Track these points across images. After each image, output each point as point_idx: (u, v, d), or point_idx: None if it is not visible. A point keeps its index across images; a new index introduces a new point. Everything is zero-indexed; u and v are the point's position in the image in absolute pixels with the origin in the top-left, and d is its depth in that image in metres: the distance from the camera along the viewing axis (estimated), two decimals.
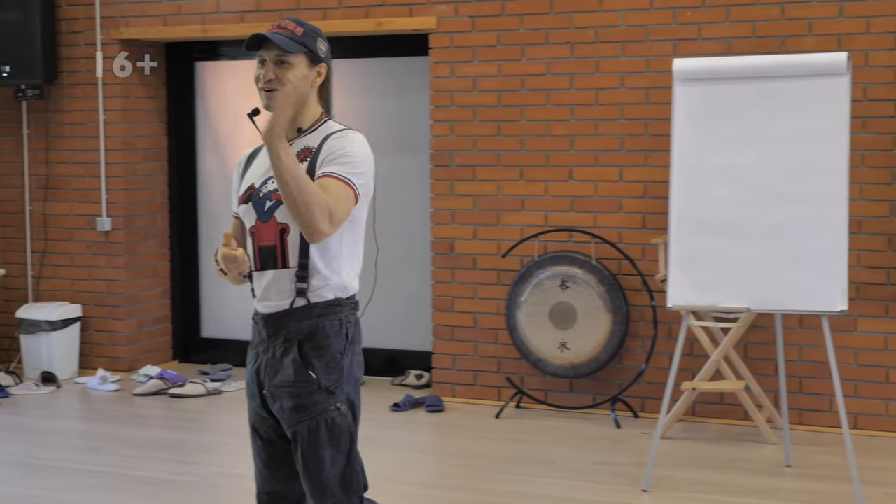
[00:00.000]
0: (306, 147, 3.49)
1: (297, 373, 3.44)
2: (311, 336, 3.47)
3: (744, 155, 5.74)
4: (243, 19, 7.86)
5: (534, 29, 7.17)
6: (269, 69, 3.44)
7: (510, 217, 7.27)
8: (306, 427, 3.44)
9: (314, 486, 3.47)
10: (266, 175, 3.51)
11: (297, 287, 3.45)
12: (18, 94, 8.25)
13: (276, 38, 3.42)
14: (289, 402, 3.46)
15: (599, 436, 6.65)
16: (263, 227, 3.48)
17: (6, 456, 6.39)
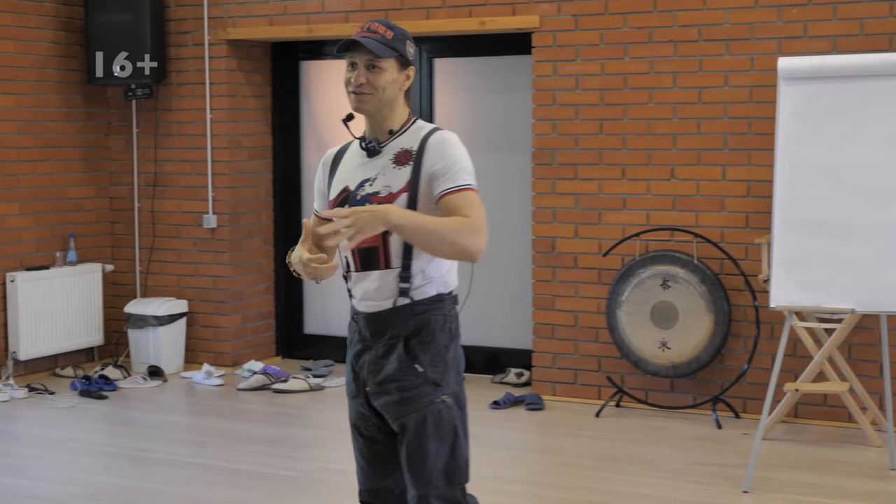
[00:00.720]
0: (403, 150, 3.50)
1: (404, 367, 3.48)
2: (417, 332, 3.50)
3: (849, 154, 5.67)
4: (348, 19, 7.94)
5: (637, 27, 7.14)
6: (360, 73, 3.46)
7: (612, 216, 7.25)
8: (413, 419, 3.48)
9: (417, 478, 3.50)
10: (362, 178, 3.53)
11: (401, 287, 3.48)
12: (128, 93, 8.41)
13: (368, 44, 3.43)
14: (395, 395, 3.49)
15: (700, 436, 6.61)
16: None
17: (115, 448, 6.53)
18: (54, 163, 8.31)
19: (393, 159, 3.51)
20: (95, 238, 8.63)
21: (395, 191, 3.45)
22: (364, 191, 3.50)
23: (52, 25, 8.29)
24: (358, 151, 3.60)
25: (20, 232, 8.06)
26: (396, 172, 3.48)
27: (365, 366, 3.56)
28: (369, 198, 3.47)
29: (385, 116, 3.53)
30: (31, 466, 6.15)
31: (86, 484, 5.79)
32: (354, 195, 3.51)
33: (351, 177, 3.57)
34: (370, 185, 3.49)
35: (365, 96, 3.47)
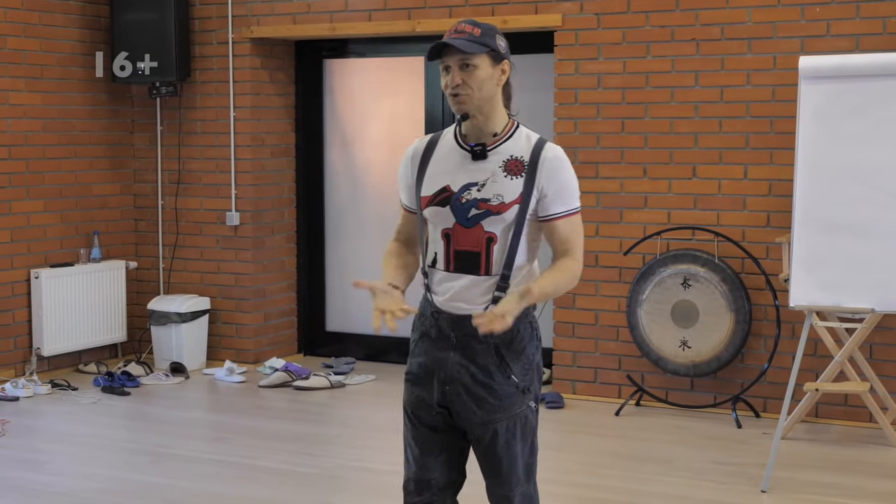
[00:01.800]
0: (514, 158, 3.49)
1: (497, 375, 3.51)
2: (509, 340, 3.51)
3: (871, 154, 5.66)
4: (371, 17, 7.96)
5: (659, 26, 7.14)
6: (454, 74, 3.44)
7: (633, 214, 7.25)
8: (504, 426, 3.54)
9: (503, 478, 3.61)
10: (467, 180, 3.49)
11: (496, 295, 3.48)
12: (153, 91, 8.46)
13: (456, 43, 3.41)
14: (486, 402, 3.51)
15: (720, 435, 6.60)
16: (464, 232, 3.48)
17: (136, 444, 6.57)
18: (79, 160, 8.36)
19: (503, 167, 3.49)
20: (119, 235, 8.68)
21: (507, 201, 3.45)
22: (470, 195, 3.47)
23: (78, 24, 8.34)
24: (455, 149, 3.56)
25: (45, 229, 8.11)
26: (508, 182, 3.47)
27: (448, 365, 3.54)
28: (477, 203, 3.46)
29: (487, 116, 3.52)
30: (54, 462, 6.19)
31: (107, 480, 5.82)
32: (458, 197, 3.48)
33: (452, 176, 3.52)
34: (478, 191, 3.47)
35: (463, 96, 3.45)
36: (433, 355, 3.57)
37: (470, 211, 3.47)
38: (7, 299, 7.86)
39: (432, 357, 3.58)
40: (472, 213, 3.47)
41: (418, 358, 3.63)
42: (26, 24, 7.95)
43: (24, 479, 5.81)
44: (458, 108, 3.48)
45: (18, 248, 7.93)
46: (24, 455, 6.27)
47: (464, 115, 3.50)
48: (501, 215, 3.46)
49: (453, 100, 3.47)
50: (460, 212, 3.48)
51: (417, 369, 3.63)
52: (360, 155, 8.67)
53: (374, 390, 7.83)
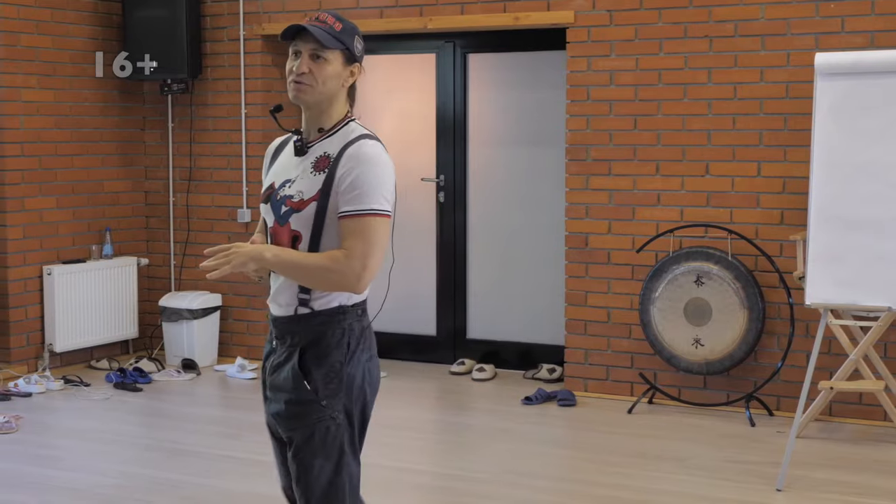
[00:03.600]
0: (325, 154, 3.34)
1: (296, 380, 3.33)
2: (314, 344, 3.34)
3: (887, 150, 5.64)
4: (382, 14, 7.95)
5: (672, 23, 7.12)
6: (303, 62, 3.32)
7: (645, 212, 7.23)
8: (300, 435, 3.35)
9: (301, 492, 3.41)
10: (285, 177, 3.40)
11: (300, 297, 3.34)
12: (164, 88, 8.46)
13: (315, 31, 3.29)
14: (285, 407, 3.36)
15: (733, 434, 6.59)
16: (279, 231, 3.37)
17: (148, 440, 6.57)
18: (91, 157, 8.36)
19: (313, 163, 3.35)
20: (131, 232, 8.69)
21: (306, 198, 3.31)
22: (284, 191, 3.37)
23: (90, 21, 8.35)
24: (290, 144, 3.47)
25: (57, 225, 8.12)
26: (312, 178, 3.33)
27: (267, 368, 3.46)
28: (285, 200, 3.35)
29: (322, 112, 3.39)
30: (66, 457, 6.19)
31: (120, 475, 5.82)
32: (276, 194, 3.39)
33: (279, 173, 3.44)
34: (289, 187, 3.36)
35: (304, 86, 3.32)
36: (264, 360, 3.50)
37: (281, 209, 3.36)
38: (20, 295, 7.86)
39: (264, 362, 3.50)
40: (283, 211, 3.35)
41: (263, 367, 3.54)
42: (39, 21, 7.95)
43: (38, 475, 5.82)
44: (296, 95, 3.33)
45: (31, 245, 7.94)
46: (38, 450, 6.27)
47: (277, 106, 3.45)
48: (302, 213, 3.31)
49: (294, 86, 3.33)
50: (276, 209, 3.38)
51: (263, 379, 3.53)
52: None
53: (385, 387, 7.75)
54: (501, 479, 5.79)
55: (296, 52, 3.35)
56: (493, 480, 5.75)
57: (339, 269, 3.25)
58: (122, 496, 5.49)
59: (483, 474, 5.84)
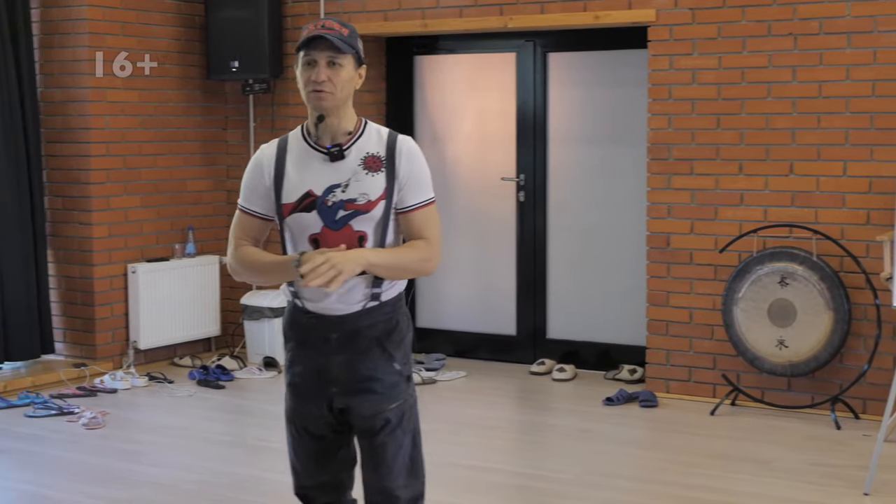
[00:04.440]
0: (371, 154, 3.47)
1: (386, 365, 3.52)
2: (392, 330, 3.52)
3: None
4: (462, 14, 7.95)
5: (756, 21, 7.05)
6: (322, 70, 3.39)
7: (728, 212, 7.17)
8: (394, 416, 3.52)
9: (383, 475, 3.55)
10: (330, 183, 3.44)
11: (373, 292, 3.47)
12: (246, 88, 8.54)
13: (333, 39, 3.38)
14: (374, 393, 3.50)
15: (818, 436, 6.51)
16: (333, 235, 3.42)
17: (231, 437, 6.64)
18: (174, 156, 8.46)
19: (362, 164, 3.46)
20: (213, 231, 8.77)
21: (373, 199, 3.44)
22: (336, 197, 3.43)
23: (174, 22, 8.45)
24: (309, 152, 3.50)
25: (141, 224, 8.22)
26: (370, 179, 3.45)
27: (331, 367, 3.51)
28: (343, 204, 3.42)
29: (342, 117, 3.47)
30: (151, 453, 6.28)
31: (204, 471, 5.89)
32: (323, 201, 3.43)
33: (313, 180, 3.46)
34: (342, 192, 3.43)
35: (325, 94, 3.40)
36: (315, 361, 3.54)
37: (337, 213, 3.42)
38: (105, 293, 7.98)
39: (315, 363, 3.54)
40: (339, 216, 3.43)
41: (299, 366, 3.59)
42: (124, 22, 8.06)
43: (124, 470, 5.90)
44: (318, 104, 3.42)
45: (116, 243, 8.05)
46: (124, 446, 6.36)
47: (321, 116, 3.46)
48: (370, 213, 3.43)
49: (316, 95, 3.41)
50: (328, 215, 3.43)
51: (300, 381, 3.58)
52: (450, 151, 8.67)
53: (465, 387, 7.83)
54: (583, 479, 5.77)
55: (310, 61, 3.42)
56: (575, 481, 5.74)
57: (429, 256, 3.50)
58: (206, 492, 5.55)
59: (565, 475, 5.83)
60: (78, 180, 7.92)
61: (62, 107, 7.96)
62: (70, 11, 7.87)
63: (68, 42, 7.90)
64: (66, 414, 6.91)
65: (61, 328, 8.05)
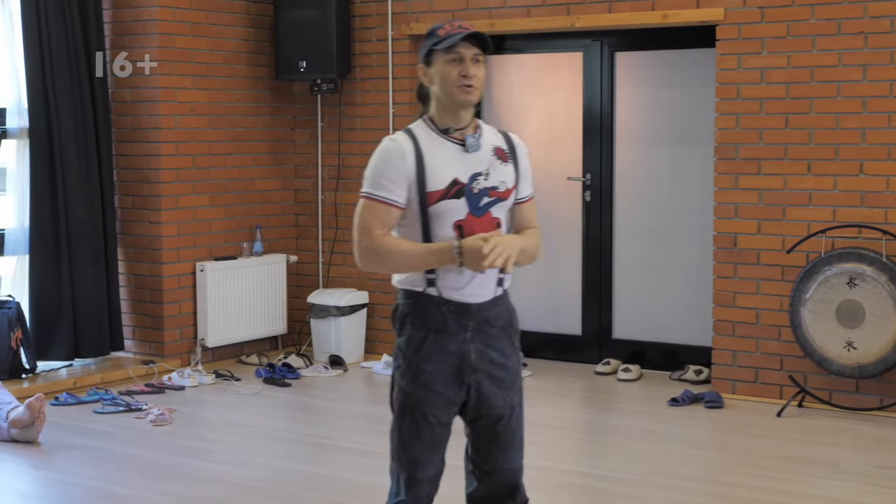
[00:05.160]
0: (497, 147, 3.68)
1: (512, 353, 3.70)
2: (511, 320, 3.73)
3: None
4: (529, 13, 7.95)
5: (825, 19, 6.98)
6: (470, 66, 3.55)
7: (796, 212, 7.11)
8: (518, 398, 3.74)
9: (515, 452, 3.76)
10: (471, 171, 3.59)
11: (500, 277, 3.66)
12: (314, 88, 8.59)
13: (483, 37, 3.58)
14: (505, 380, 3.68)
15: (886, 439, 6.43)
16: (476, 222, 3.58)
17: (297, 435, 6.68)
18: (242, 156, 8.54)
19: (494, 154, 3.66)
20: (280, 230, 8.84)
21: (509, 187, 3.66)
22: (479, 184, 3.59)
23: (243, 22, 8.52)
24: (444, 143, 3.61)
25: (210, 223, 8.31)
26: (504, 168, 3.66)
27: (471, 355, 3.61)
28: (487, 191, 3.60)
29: (471, 111, 3.63)
30: (218, 450, 6.33)
31: (270, 469, 5.93)
32: (470, 188, 3.58)
33: (456, 169, 3.59)
34: (485, 179, 3.60)
35: (474, 89, 3.56)
36: (454, 349, 3.61)
37: (482, 200, 3.59)
38: (173, 291, 8.07)
39: (450, 353, 3.61)
40: (483, 202, 3.59)
41: (434, 355, 3.61)
42: (194, 23, 8.14)
43: (191, 466, 5.96)
44: (466, 98, 3.56)
45: (185, 242, 8.14)
46: (191, 443, 6.43)
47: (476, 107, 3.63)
48: (507, 201, 3.66)
49: (466, 90, 3.55)
50: (474, 202, 3.58)
51: (435, 367, 3.61)
52: None
53: (531, 386, 7.80)
54: (649, 480, 5.75)
55: (457, 58, 3.56)
56: (640, 482, 5.72)
57: (540, 244, 3.79)
58: (272, 489, 5.60)
59: (630, 475, 5.81)
60: (148, 179, 8.02)
61: (132, 107, 8.06)
62: (141, 12, 7.97)
63: (139, 43, 8.00)
64: (134, 411, 6.99)
65: (130, 326, 8.16)
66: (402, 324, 3.69)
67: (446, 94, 3.57)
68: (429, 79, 3.64)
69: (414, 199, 3.57)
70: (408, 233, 3.61)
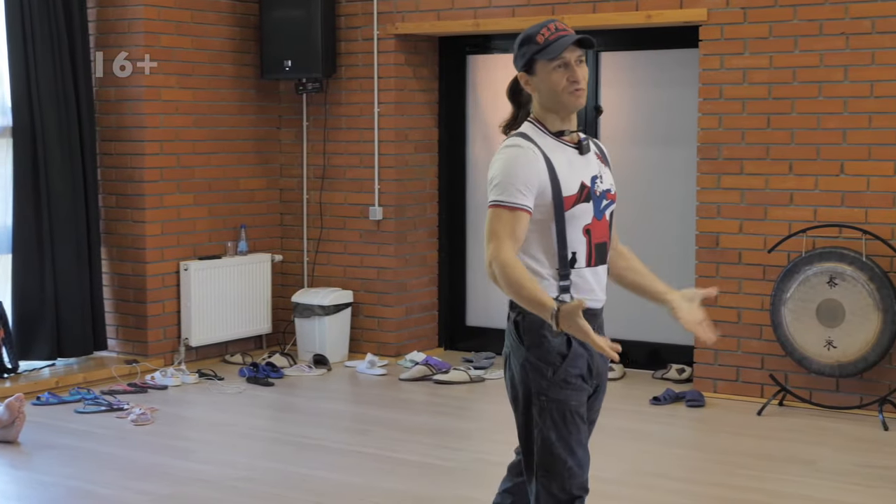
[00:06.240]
0: (596, 153, 3.66)
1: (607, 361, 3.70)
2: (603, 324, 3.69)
3: None
4: (514, 13, 7.96)
5: (807, 20, 7.00)
6: (576, 69, 3.48)
7: (778, 211, 7.13)
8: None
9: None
10: (590, 174, 3.56)
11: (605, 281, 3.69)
12: (299, 87, 8.60)
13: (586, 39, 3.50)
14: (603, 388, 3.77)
15: (866, 437, 6.46)
16: (598, 225, 3.58)
17: (279, 434, 6.69)
18: (227, 155, 8.54)
19: (597, 158, 3.64)
20: (265, 229, 8.85)
21: (616, 190, 3.68)
22: (599, 187, 3.58)
23: (228, 21, 8.52)
24: (560, 146, 3.55)
25: (194, 222, 8.30)
26: (608, 172, 3.66)
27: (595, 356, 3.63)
28: (605, 194, 3.59)
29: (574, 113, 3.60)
30: (199, 449, 6.34)
31: (251, 468, 5.94)
32: (594, 191, 3.55)
33: (581, 172, 3.55)
34: (601, 182, 3.59)
35: (583, 92, 3.51)
36: (584, 354, 3.58)
37: (602, 203, 3.58)
38: (157, 290, 8.07)
39: (583, 357, 3.59)
40: (603, 205, 3.58)
41: (577, 361, 3.55)
42: (179, 22, 8.14)
43: (171, 466, 5.96)
44: (577, 103, 3.51)
45: (169, 241, 8.13)
46: (172, 442, 6.43)
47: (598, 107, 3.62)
48: (615, 204, 3.67)
49: (577, 94, 3.49)
50: (597, 205, 3.57)
51: (580, 370, 3.57)
52: None
53: None
54: (629, 479, 5.76)
55: (562, 64, 3.48)
56: (621, 480, 5.73)
57: None
58: (252, 489, 5.60)
59: (611, 474, 5.81)
60: (132, 178, 8.02)
61: (117, 105, 8.06)
62: (126, 11, 7.96)
63: (123, 41, 8.00)
64: (116, 410, 6.99)
65: (114, 325, 8.15)
66: (536, 334, 3.53)
67: (555, 101, 3.51)
68: (532, 87, 3.56)
69: (546, 205, 3.48)
70: (538, 238, 3.50)
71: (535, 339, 3.53)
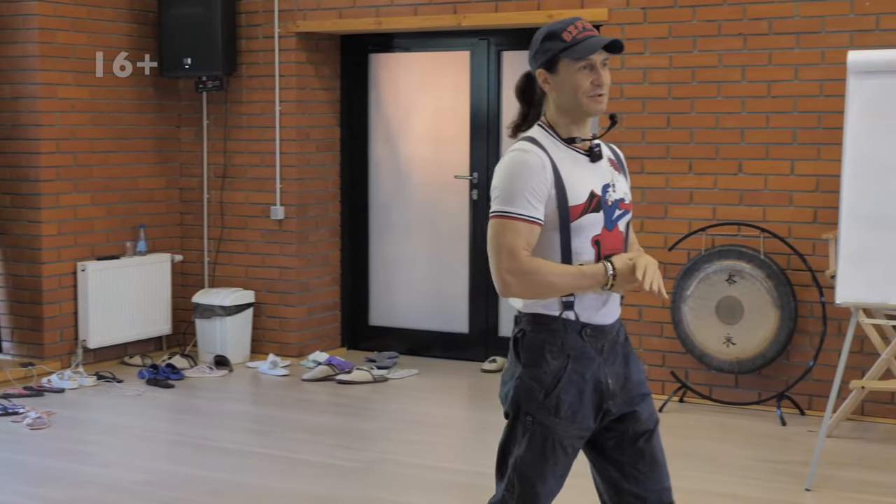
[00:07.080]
0: (610, 157, 3.48)
1: (640, 366, 3.52)
2: (626, 335, 3.51)
3: None
4: (416, 12, 7.95)
5: (706, 20, 7.08)
6: (601, 72, 3.35)
7: (678, 210, 7.20)
8: (657, 413, 3.56)
9: (664, 471, 3.53)
10: (601, 182, 3.37)
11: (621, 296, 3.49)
12: (199, 85, 8.50)
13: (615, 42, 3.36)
14: (648, 395, 3.50)
15: (764, 433, 6.54)
16: (609, 236, 3.38)
17: (180, 436, 6.61)
18: (126, 154, 8.41)
19: (611, 165, 3.45)
20: (165, 228, 8.73)
21: (631, 199, 3.49)
22: (611, 196, 3.39)
23: (126, 18, 8.39)
24: (570, 153, 3.38)
25: (91, 222, 8.17)
26: (623, 180, 3.47)
27: (607, 377, 3.39)
28: (618, 204, 3.40)
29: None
30: (97, 453, 6.23)
31: (150, 471, 5.85)
32: (605, 201, 3.37)
33: (591, 181, 3.37)
34: (613, 191, 3.40)
35: (604, 98, 3.38)
36: (591, 374, 3.38)
37: (614, 213, 3.39)
38: (54, 291, 7.92)
39: (586, 380, 3.38)
40: (615, 215, 3.39)
41: (573, 385, 3.36)
42: (75, 18, 8.00)
43: (69, 470, 5.86)
44: (600, 108, 3.36)
45: (65, 241, 7.99)
46: (69, 446, 6.32)
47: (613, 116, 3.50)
48: (630, 214, 3.46)
49: (598, 99, 3.36)
50: (608, 215, 3.38)
51: (575, 397, 3.36)
52: (404, 149, 8.67)
53: (417, 385, 7.82)
54: None
55: (587, 65, 3.34)
56: None
57: None
58: (149, 492, 5.52)
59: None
60: (27, 177, 7.86)
61: (11, 103, 7.89)
62: (19, 7, 7.81)
63: (17, 38, 7.83)
64: (11, 414, 6.85)
65: (9, 327, 7.99)
66: (535, 353, 3.37)
67: (574, 104, 3.36)
68: (551, 87, 3.39)
69: (552, 215, 3.33)
70: (541, 251, 3.35)
71: (532, 359, 3.38)
